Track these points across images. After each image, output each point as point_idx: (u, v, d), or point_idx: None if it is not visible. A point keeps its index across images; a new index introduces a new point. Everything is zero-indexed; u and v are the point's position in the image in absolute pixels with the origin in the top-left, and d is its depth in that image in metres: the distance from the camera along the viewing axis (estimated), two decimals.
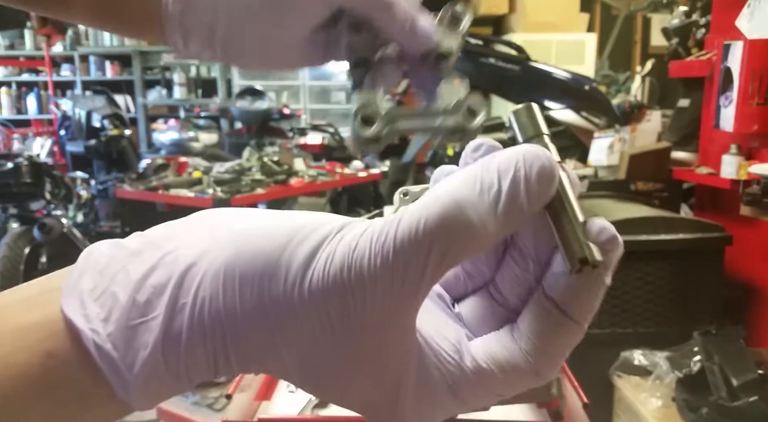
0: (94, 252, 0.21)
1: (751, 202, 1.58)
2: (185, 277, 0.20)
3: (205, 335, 0.20)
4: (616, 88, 3.47)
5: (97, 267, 0.21)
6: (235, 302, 0.19)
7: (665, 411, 1.47)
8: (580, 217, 0.21)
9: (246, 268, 0.20)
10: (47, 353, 0.20)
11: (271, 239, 0.20)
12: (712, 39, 1.96)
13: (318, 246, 0.20)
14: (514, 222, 0.20)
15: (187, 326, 0.20)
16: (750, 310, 1.81)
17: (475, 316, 0.23)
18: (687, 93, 2.17)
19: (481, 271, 0.24)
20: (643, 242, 1.57)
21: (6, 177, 2.74)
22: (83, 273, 0.21)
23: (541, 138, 0.22)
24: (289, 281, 0.19)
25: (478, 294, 0.24)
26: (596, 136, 2.21)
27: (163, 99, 5.48)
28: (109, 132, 3.53)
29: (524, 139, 0.23)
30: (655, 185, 1.96)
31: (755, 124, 1.65)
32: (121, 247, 0.21)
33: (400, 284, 0.19)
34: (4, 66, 5.67)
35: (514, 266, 0.23)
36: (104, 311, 0.20)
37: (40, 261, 2.81)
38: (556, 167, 0.21)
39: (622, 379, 1.60)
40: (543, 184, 0.20)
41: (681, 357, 1.53)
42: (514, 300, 0.23)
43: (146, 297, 0.20)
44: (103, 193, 3.15)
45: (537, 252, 0.22)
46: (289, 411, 0.76)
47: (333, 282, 0.19)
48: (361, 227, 0.20)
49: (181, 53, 0.35)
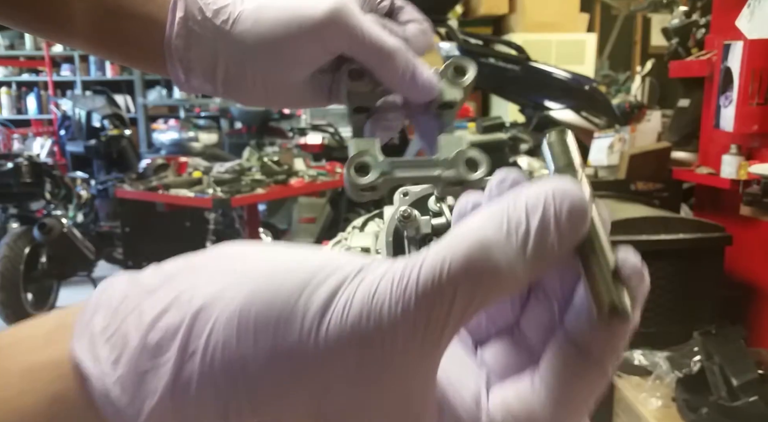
0: (108, 288, 0.21)
1: (751, 202, 1.59)
2: (197, 320, 0.19)
3: (217, 383, 0.19)
4: (616, 88, 3.47)
5: (111, 305, 0.20)
6: (248, 348, 0.19)
7: (665, 411, 1.47)
8: (611, 261, 0.19)
9: (261, 313, 0.19)
10: (53, 397, 0.19)
11: (289, 282, 0.19)
12: (712, 39, 1.96)
13: (336, 291, 0.19)
14: (543, 265, 0.19)
15: (198, 373, 0.19)
16: (750, 310, 1.81)
17: (499, 361, 0.22)
18: (687, 93, 2.17)
19: (505, 314, 0.23)
20: (643, 242, 1.57)
21: (6, 177, 2.74)
22: (97, 311, 0.20)
23: (574, 170, 0.21)
24: (305, 328, 0.18)
25: (502, 338, 0.23)
26: (596, 136, 2.21)
27: (163, 99, 5.48)
28: (109, 132, 3.54)
29: (555, 169, 0.21)
30: (655, 185, 1.96)
31: (755, 124, 1.65)
32: (137, 284, 0.21)
33: (422, 332, 0.18)
34: (4, 66, 5.67)
35: (538, 308, 0.22)
36: (115, 353, 0.19)
37: (40, 261, 2.82)
38: (588, 205, 0.19)
39: (622, 379, 1.60)
40: (574, 224, 0.19)
41: (681, 357, 1.53)
42: (538, 344, 0.22)
43: (157, 341, 0.19)
44: (103, 192, 3.15)
45: (564, 293, 0.21)
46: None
47: (351, 330, 0.18)
48: (381, 270, 0.19)
49: (182, 87, 0.36)
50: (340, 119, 4.89)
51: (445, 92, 0.33)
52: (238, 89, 0.35)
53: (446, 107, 0.33)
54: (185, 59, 0.34)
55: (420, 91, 0.33)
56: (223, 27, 0.33)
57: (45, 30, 0.39)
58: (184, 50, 0.34)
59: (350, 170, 0.30)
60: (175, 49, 0.34)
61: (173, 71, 0.35)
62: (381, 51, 0.32)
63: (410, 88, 0.32)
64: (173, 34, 0.34)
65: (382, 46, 0.32)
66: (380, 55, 0.32)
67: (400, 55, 0.32)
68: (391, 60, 0.32)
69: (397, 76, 0.32)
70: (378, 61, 0.32)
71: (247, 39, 0.33)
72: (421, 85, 0.32)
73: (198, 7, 0.34)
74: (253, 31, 0.33)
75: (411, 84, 0.32)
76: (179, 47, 0.34)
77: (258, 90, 0.35)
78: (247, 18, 0.33)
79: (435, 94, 0.33)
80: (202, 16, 0.33)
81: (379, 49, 0.32)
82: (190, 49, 0.34)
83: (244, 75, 0.34)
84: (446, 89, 0.33)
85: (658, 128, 2.20)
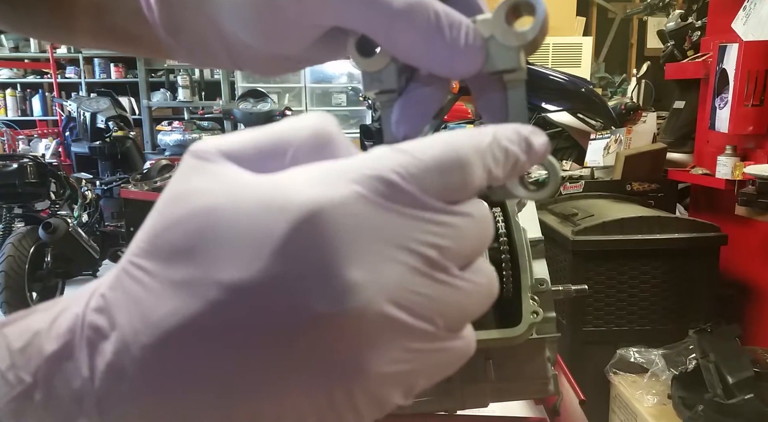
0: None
1: (746, 202, 1.60)
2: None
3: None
4: (612, 90, 3.49)
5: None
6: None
7: (661, 409, 1.49)
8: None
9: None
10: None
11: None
12: (708, 41, 1.98)
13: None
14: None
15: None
16: (745, 309, 1.83)
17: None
18: (682, 95, 2.19)
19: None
20: (638, 241, 1.59)
21: (11, 177, 2.76)
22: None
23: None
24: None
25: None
26: (593, 138, 2.22)
27: (167, 101, 5.51)
28: (113, 133, 3.57)
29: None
30: (650, 186, 1.98)
31: (750, 126, 1.66)
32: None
33: None
34: (9, 68, 5.71)
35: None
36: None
37: (45, 261, 2.84)
38: None
39: (619, 376, 1.61)
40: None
41: (677, 355, 1.54)
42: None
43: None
44: (108, 193, 3.18)
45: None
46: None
47: None
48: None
49: (194, 64, 0.31)
50: (341, 121, 4.91)
51: (496, 55, 0.22)
52: (246, 64, 0.28)
53: (505, 73, 0.22)
54: (180, 41, 0.28)
55: (452, 66, 0.22)
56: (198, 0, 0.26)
57: (45, 32, 0.35)
58: (175, 34, 0.28)
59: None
60: (167, 33, 0.28)
61: (176, 53, 0.29)
62: (385, 18, 0.21)
63: (436, 62, 0.22)
64: (155, 18, 0.27)
65: (387, 9, 0.21)
66: (384, 23, 0.21)
67: (418, 16, 0.21)
68: (401, 27, 0.21)
69: (412, 48, 0.22)
70: (382, 31, 0.22)
71: (225, 11, 0.25)
72: (452, 52, 0.21)
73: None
74: (227, 1, 0.25)
75: (437, 57, 0.22)
76: (169, 31, 0.28)
77: (260, 62, 0.28)
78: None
79: (478, 67, 0.22)
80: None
81: (381, 15, 0.21)
82: (179, 33, 0.27)
83: (238, 51, 0.27)
84: (497, 50, 0.22)
85: (653, 129, 2.21)
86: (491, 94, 0.23)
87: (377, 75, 0.24)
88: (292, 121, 0.19)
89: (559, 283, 0.49)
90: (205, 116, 5.15)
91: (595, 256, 1.59)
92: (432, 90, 0.24)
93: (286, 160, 0.18)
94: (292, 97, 5.16)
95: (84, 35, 0.32)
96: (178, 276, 0.16)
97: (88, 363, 0.16)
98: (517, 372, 0.46)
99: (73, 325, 0.17)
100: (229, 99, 5.23)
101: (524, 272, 0.42)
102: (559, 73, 2.33)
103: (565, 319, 1.65)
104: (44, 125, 5.31)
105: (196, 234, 0.16)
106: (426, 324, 0.17)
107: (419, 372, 0.17)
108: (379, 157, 0.17)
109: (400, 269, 0.16)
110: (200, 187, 0.17)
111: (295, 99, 5.15)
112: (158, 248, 0.16)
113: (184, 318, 0.15)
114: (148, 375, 0.16)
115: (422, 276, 0.16)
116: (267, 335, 0.15)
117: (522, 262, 0.43)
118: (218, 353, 0.15)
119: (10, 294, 2.66)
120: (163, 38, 0.28)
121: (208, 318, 0.15)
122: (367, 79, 0.24)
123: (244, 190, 0.16)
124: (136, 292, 0.16)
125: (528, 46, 0.22)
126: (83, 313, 0.17)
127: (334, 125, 0.19)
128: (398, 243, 0.16)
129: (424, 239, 0.16)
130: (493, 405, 0.70)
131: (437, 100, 0.24)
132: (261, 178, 0.17)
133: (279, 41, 0.25)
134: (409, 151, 0.17)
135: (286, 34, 0.24)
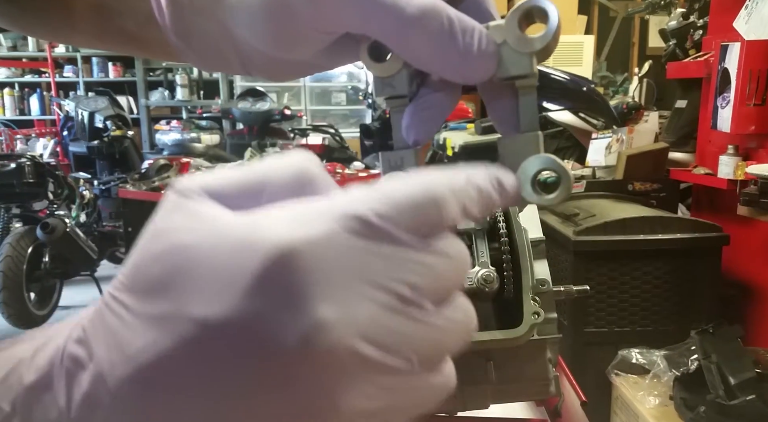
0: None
1: (748, 202, 1.59)
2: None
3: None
4: (613, 89, 3.49)
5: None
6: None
7: (663, 410, 1.48)
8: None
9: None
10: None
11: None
12: (710, 40, 1.98)
13: None
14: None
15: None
16: (747, 309, 1.82)
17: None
18: (684, 94, 2.18)
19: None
20: (640, 241, 1.58)
21: (9, 177, 2.76)
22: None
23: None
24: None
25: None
26: (594, 137, 2.22)
27: (166, 100, 5.51)
28: (111, 133, 3.56)
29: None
30: (652, 185, 1.97)
31: (752, 125, 1.66)
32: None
33: None
34: (7, 67, 5.71)
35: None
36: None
37: (43, 261, 2.83)
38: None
39: (620, 377, 1.61)
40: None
41: (678, 356, 1.53)
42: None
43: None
44: (106, 193, 3.17)
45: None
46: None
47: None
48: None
49: (205, 69, 0.31)
50: (340, 120, 4.92)
51: (509, 61, 0.22)
52: (257, 69, 0.28)
53: (517, 79, 0.22)
54: (190, 45, 0.28)
55: (465, 71, 0.22)
56: (210, 3, 0.26)
57: (47, 30, 0.35)
58: (185, 37, 0.27)
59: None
60: (178, 37, 0.28)
61: (186, 56, 0.28)
62: (399, 23, 0.21)
63: (449, 67, 0.22)
64: (166, 22, 0.27)
65: (400, 15, 0.21)
66: (397, 28, 0.21)
67: (431, 21, 0.21)
68: (414, 33, 0.21)
69: (425, 53, 0.22)
70: (395, 36, 0.22)
71: (237, 15, 0.25)
72: (465, 58, 0.21)
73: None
74: (239, 5, 0.25)
75: (450, 62, 0.22)
76: (180, 35, 0.27)
77: (274, 69, 0.27)
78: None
79: (490, 72, 0.22)
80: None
81: (394, 21, 0.21)
82: (190, 36, 0.27)
83: (249, 56, 0.27)
84: (510, 56, 0.22)
85: (655, 129, 2.21)
86: (503, 99, 0.24)
87: (389, 80, 0.24)
88: (275, 161, 0.19)
89: (560, 284, 0.48)
90: (203, 115, 5.14)
91: (596, 257, 1.59)
92: (443, 95, 0.24)
93: (266, 199, 0.19)
94: (291, 96, 5.15)
95: (92, 37, 0.33)
96: (154, 311, 0.16)
97: (65, 394, 0.16)
98: (518, 373, 0.45)
99: (53, 356, 0.17)
100: (227, 98, 5.23)
101: (525, 272, 0.42)
102: (561, 71, 2.33)
103: (566, 320, 1.64)
104: (42, 125, 5.31)
105: (173, 270, 0.16)
106: (399, 360, 0.17)
107: (394, 408, 0.17)
108: (356, 196, 0.17)
109: (372, 306, 0.16)
110: (179, 225, 0.17)
111: (294, 98, 5.15)
112: (136, 283, 0.17)
113: (158, 352, 0.16)
114: (121, 406, 0.16)
115: (395, 313, 0.17)
116: (239, 370, 0.16)
117: (523, 263, 0.42)
118: (190, 388, 0.16)
119: (8, 294, 2.65)
120: (173, 42, 0.28)
121: (180, 352, 0.16)
122: (379, 84, 0.24)
123: (221, 228, 0.17)
124: (114, 325, 0.16)
125: (540, 53, 0.22)
126: (64, 345, 0.17)
127: (316, 164, 0.20)
128: (371, 280, 0.16)
129: (397, 276, 0.17)
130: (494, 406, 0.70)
131: (448, 105, 0.25)
132: (238, 217, 0.17)
133: (291, 46, 0.25)
134: (386, 190, 0.17)
135: (298, 39, 0.24)
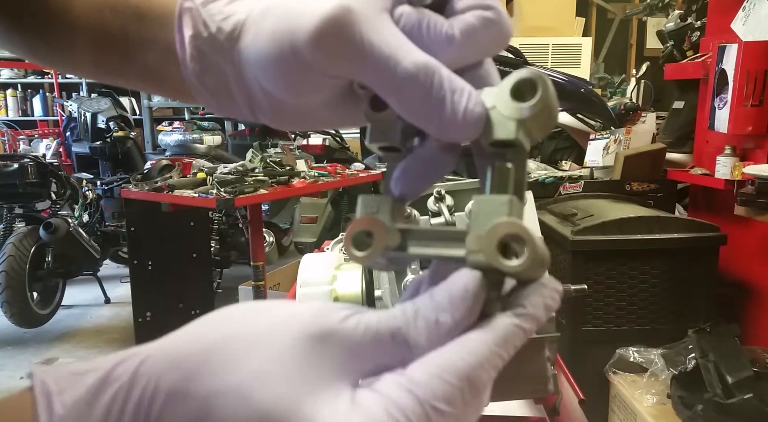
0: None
1: (745, 202, 1.60)
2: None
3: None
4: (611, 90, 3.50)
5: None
6: None
7: (660, 408, 1.49)
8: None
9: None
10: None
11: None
12: (707, 41, 1.99)
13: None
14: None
15: None
16: (744, 309, 1.83)
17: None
18: (681, 95, 2.19)
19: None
20: (638, 241, 1.59)
21: (12, 177, 2.77)
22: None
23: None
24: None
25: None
26: (592, 138, 2.23)
27: (168, 101, 5.52)
28: (114, 133, 3.57)
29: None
30: (649, 186, 1.98)
31: (750, 126, 1.67)
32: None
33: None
34: (10, 68, 5.72)
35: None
36: None
37: (46, 261, 2.85)
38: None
39: (618, 376, 1.62)
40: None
41: (676, 355, 1.55)
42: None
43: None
44: (109, 193, 3.18)
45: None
46: None
47: None
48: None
49: (217, 112, 0.31)
50: None
51: (497, 125, 0.22)
52: (264, 114, 0.28)
53: (503, 146, 0.23)
54: (204, 83, 0.28)
55: (451, 129, 0.22)
56: (228, 42, 0.26)
57: (55, 61, 0.35)
58: (201, 74, 0.28)
59: (349, 242, 0.23)
60: (194, 74, 0.28)
61: (199, 94, 0.29)
62: (393, 76, 0.22)
63: (436, 124, 0.22)
64: (186, 57, 0.28)
65: (395, 69, 0.22)
66: (391, 81, 0.22)
67: (423, 78, 0.22)
68: (406, 87, 0.22)
69: (415, 108, 0.22)
70: (389, 89, 0.23)
71: (249, 56, 0.26)
72: (451, 120, 0.22)
73: (202, 21, 0.27)
74: (253, 46, 0.25)
75: (437, 119, 0.22)
76: (196, 71, 0.28)
77: (281, 115, 0.28)
78: (249, 28, 0.26)
79: (476, 132, 0.22)
80: (208, 32, 0.27)
81: (389, 74, 0.22)
82: (205, 74, 0.28)
83: (258, 100, 0.27)
84: (499, 121, 0.22)
85: (652, 130, 2.22)
86: (490, 160, 0.24)
87: (384, 130, 0.25)
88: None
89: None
90: (205, 116, 5.14)
91: (594, 256, 1.60)
92: (438, 155, 0.24)
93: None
94: None
95: (113, 73, 0.33)
96: None
97: None
98: (517, 371, 0.46)
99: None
100: None
101: None
102: (559, 73, 2.34)
103: (564, 319, 1.65)
104: (45, 125, 5.32)
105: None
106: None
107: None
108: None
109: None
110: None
111: None
112: None
113: None
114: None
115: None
116: None
117: None
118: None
119: (11, 293, 2.67)
120: (188, 79, 0.28)
121: None
122: (372, 132, 0.25)
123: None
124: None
125: (529, 121, 0.22)
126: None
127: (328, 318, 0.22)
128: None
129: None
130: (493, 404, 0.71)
131: (443, 165, 0.25)
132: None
133: (298, 89, 0.25)
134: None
135: (305, 81, 0.25)
